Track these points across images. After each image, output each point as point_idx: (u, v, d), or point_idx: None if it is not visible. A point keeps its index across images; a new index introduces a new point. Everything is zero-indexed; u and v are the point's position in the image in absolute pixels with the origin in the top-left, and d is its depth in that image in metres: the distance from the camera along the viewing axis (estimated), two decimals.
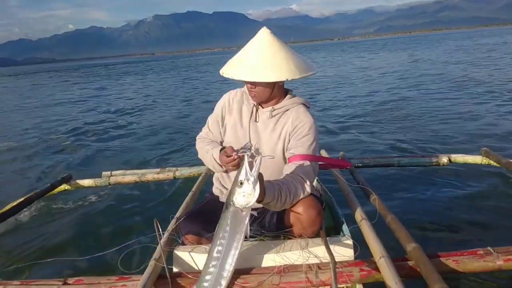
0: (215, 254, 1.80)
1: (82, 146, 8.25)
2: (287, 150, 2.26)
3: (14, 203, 3.71)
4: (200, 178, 3.48)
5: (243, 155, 1.83)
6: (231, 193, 1.78)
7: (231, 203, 1.77)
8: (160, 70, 47.83)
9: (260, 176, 1.78)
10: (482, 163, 3.98)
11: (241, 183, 1.73)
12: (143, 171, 4.34)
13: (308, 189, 2.11)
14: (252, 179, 1.73)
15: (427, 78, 16.44)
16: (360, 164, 4.16)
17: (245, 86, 2.30)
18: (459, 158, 4.10)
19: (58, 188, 4.06)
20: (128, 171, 4.37)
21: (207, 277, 1.80)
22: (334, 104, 12.02)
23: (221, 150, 2.25)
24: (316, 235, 2.19)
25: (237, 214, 1.78)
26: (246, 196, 1.74)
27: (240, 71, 2.09)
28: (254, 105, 2.30)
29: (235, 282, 1.89)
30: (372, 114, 9.85)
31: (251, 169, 1.74)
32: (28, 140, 9.47)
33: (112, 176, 4.26)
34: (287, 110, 2.29)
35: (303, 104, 2.33)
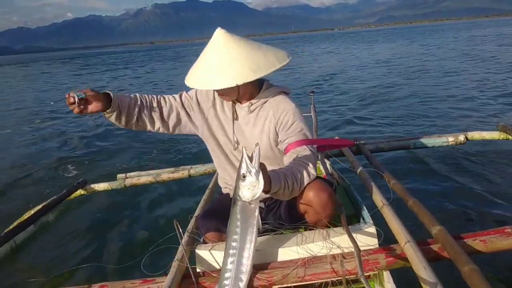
0: (231, 251, 1.78)
1: (91, 147, 8.25)
2: (279, 143, 2.21)
3: (32, 211, 3.74)
4: (216, 174, 3.46)
5: (242, 149, 1.78)
6: (236, 188, 1.76)
7: (238, 197, 1.76)
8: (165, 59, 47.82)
9: (262, 166, 1.76)
10: (500, 138, 3.92)
11: (244, 176, 1.71)
12: (157, 171, 4.34)
13: (312, 171, 2.07)
14: (254, 170, 1.70)
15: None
16: (376, 149, 4.11)
17: None
18: (476, 135, 4.04)
19: (74, 193, 4.08)
20: (143, 172, 4.38)
21: (227, 275, 1.78)
22: (346, 91, 11.93)
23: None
24: (332, 219, 2.15)
25: (246, 208, 1.76)
26: (251, 188, 1.72)
27: (196, 79, 2.04)
28: (234, 101, 2.23)
29: (260, 277, 1.87)
30: (380, 99, 9.78)
31: (251, 161, 1.71)
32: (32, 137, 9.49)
33: (127, 178, 4.27)
34: (265, 103, 2.21)
35: (281, 92, 2.25)
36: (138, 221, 4.17)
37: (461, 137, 4.00)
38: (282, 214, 2.29)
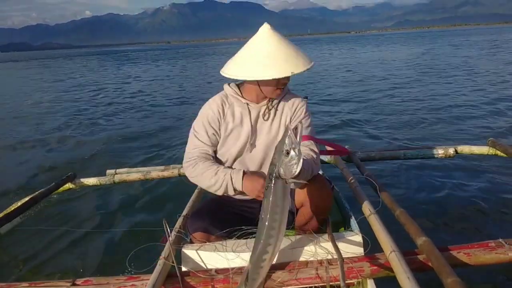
0: (271, 232, 1.75)
1: (84, 140, 8.22)
2: None
3: (19, 203, 3.71)
4: None
5: (287, 125, 1.77)
6: (276, 165, 1.72)
7: (277, 175, 1.72)
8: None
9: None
10: (489, 153, 3.96)
11: (288, 153, 1.68)
12: (147, 168, 4.32)
13: (318, 166, 2.18)
14: (298, 147, 1.69)
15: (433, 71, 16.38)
16: (366, 157, 4.14)
17: (228, 90, 2.29)
18: (466, 149, 4.08)
19: (63, 187, 4.05)
20: (133, 169, 4.35)
21: (265, 256, 1.77)
22: (336, 98, 11.96)
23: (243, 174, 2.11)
24: (322, 225, 2.22)
25: (285, 186, 1.75)
26: (292, 165, 1.70)
27: (277, 68, 1.99)
28: (248, 103, 2.25)
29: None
30: (374, 108, 9.82)
31: (295, 137, 1.70)
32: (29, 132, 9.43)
33: (116, 174, 4.25)
34: (282, 99, 2.30)
35: (292, 92, 2.37)
36: (126, 217, 4.15)
37: (451, 150, 4.03)
38: None
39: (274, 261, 1.94)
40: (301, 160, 1.70)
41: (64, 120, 10.68)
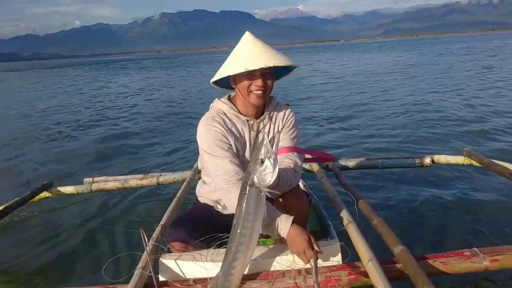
0: (242, 239, 1.74)
1: (64, 148, 8.11)
2: None
3: None
4: (185, 183, 3.43)
5: (263, 135, 1.76)
6: (250, 172, 1.72)
7: (251, 183, 1.71)
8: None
9: None
10: (464, 163, 4.03)
11: (262, 162, 1.68)
12: (126, 177, 4.28)
13: (298, 179, 2.21)
14: (273, 156, 1.69)
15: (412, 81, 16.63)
16: (345, 167, 4.17)
17: (222, 106, 2.26)
18: (442, 158, 4.15)
19: (39, 195, 3.98)
20: (111, 177, 4.31)
21: (235, 263, 1.77)
22: (317, 107, 12.05)
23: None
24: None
25: (259, 195, 1.74)
26: (267, 174, 1.69)
27: (260, 60, 2.00)
28: (247, 120, 2.24)
29: None
30: (354, 116, 9.91)
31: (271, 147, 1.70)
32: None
33: (94, 182, 4.19)
34: (275, 110, 2.33)
35: (285, 104, 2.41)
36: (103, 227, 4.08)
37: (428, 160, 4.09)
38: None
39: (251, 271, 1.94)
40: (276, 170, 1.71)
41: (41, 128, 10.54)
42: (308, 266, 1.98)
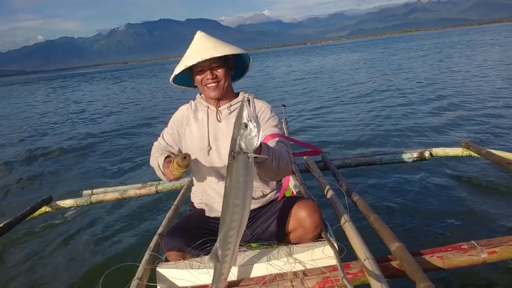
0: (235, 209, 1.71)
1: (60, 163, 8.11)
2: None
3: None
4: (182, 191, 3.42)
5: (247, 95, 1.76)
6: (236, 139, 1.67)
7: (239, 150, 1.67)
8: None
9: None
10: (463, 155, 4.01)
11: (246, 126, 1.64)
12: (124, 187, 4.27)
13: (292, 156, 2.14)
14: (255, 117, 1.65)
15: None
16: (342, 165, 4.16)
17: (197, 96, 2.45)
18: (440, 151, 4.13)
19: (39, 210, 3.98)
20: (109, 189, 4.30)
21: (231, 232, 1.74)
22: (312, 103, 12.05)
23: (165, 158, 2.31)
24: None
25: (247, 161, 1.69)
26: (253, 137, 1.65)
27: (197, 55, 2.14)
28: (208, 107, 2.36)
29: None
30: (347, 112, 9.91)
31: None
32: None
33: (93, 194, 4.19)
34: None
35: (254, 96, 2.43)
36: (102, 238, 4.09)
37: (426, 153, 4.08)
38: (258, 228, 2.31)
39: (246, 275, 1.93)
40: (261, 132, 1.67)
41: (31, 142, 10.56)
42: (305, 268, 1.97)
